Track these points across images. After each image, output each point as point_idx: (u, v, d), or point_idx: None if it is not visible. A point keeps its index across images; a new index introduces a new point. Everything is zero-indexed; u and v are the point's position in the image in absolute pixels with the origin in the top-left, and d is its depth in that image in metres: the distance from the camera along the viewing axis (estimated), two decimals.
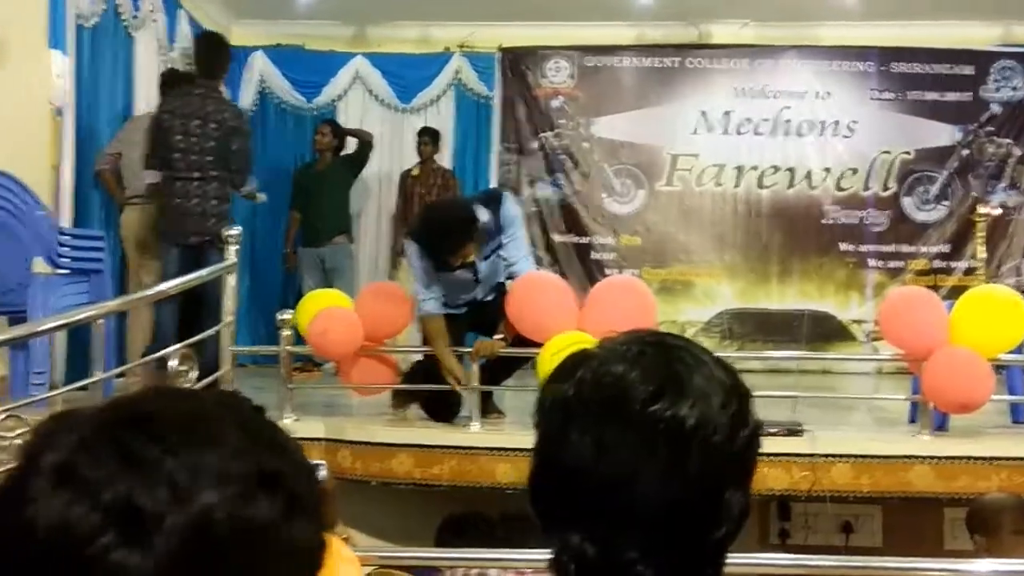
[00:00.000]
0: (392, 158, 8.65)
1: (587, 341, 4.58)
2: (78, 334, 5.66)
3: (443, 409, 5.36)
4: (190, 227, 5.73)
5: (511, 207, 5.25)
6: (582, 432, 1.09)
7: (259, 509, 0.70)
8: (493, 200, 5.24)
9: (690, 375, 1.10)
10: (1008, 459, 4.87)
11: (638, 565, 1.06)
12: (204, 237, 5.68)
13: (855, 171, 8.42)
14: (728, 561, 1.11)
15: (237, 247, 5.01)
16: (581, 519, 1.08)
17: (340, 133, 8.17)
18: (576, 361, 1.15)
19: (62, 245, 5.29)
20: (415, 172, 8.35)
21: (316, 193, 7.92)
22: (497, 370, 5.28)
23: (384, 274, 8.43)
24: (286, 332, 5.29)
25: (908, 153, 8.37)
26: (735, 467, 1.09)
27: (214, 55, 6.00)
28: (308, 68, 8.76)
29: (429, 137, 8.33)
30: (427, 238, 5.03)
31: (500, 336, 5.08)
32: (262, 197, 6.79)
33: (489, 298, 5.27)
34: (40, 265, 5.22)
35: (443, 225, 5.00)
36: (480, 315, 5.28)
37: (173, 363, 4.15)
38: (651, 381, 1.09)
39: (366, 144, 8.05)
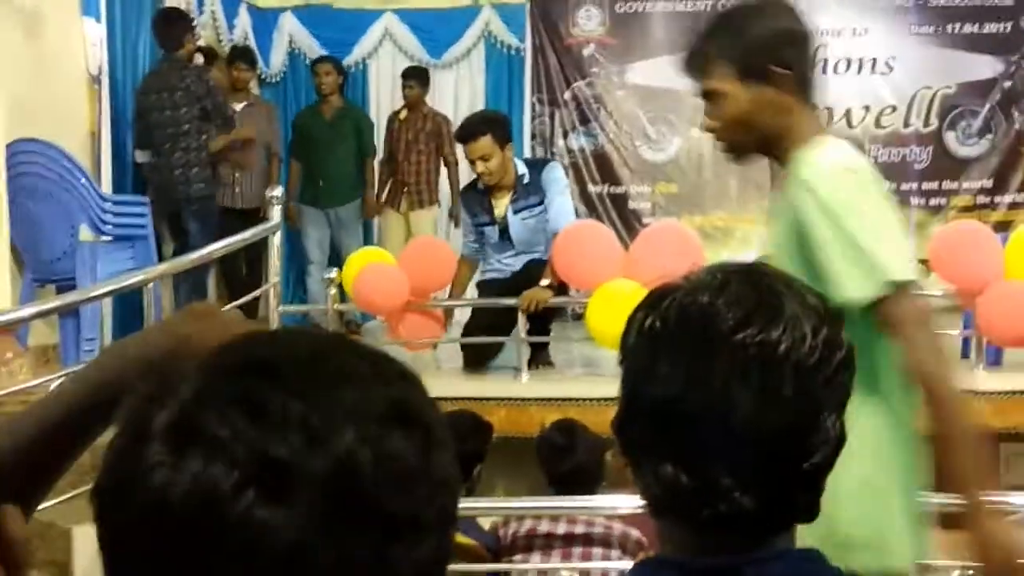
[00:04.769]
0: None
1: (635, 288, 4.53)
2: (124, 300, 5.72)
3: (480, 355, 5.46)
4: (176, 196, 6.13)
5: (557, 172, 5.35)
6: (671, 363, 1.08)
7: (400, 444, 0.64)
8: (541, 163, 5.55)
9: (779, 301, 1.08)
10: None
11: (734, 492, 1.04)
12: (189, 204, 6.11)
13: (895, 108, 8.28)
14: None
15: (280, 207, 5.02)
16: (673, 450, 1.07)
17: (343, 71, 7.72)
18: (661, 293, 1.14)
19: (106, 212, 5.32)
20: (402, 116, 7.65)
21: (323, 145, 7.30)
22: (543, 320, 5.29)
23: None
24: (332, 291, 5.31)
25: (949, 87, 8.21)
26: (830, 391, 1.08)
27: (168, 30, 6.21)
28: (337, 27, 8.69)
29: (414, 80, 7.61)
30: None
31: (547, 283, 5.09)
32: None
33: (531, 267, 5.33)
34: (85, 233, 5.25)
35: (476, 114, 5.54)
36: (523, 287, 5.26)
37: None
38: (739, 308, 1.07)
39: None
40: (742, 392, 1.05)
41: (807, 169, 1.90)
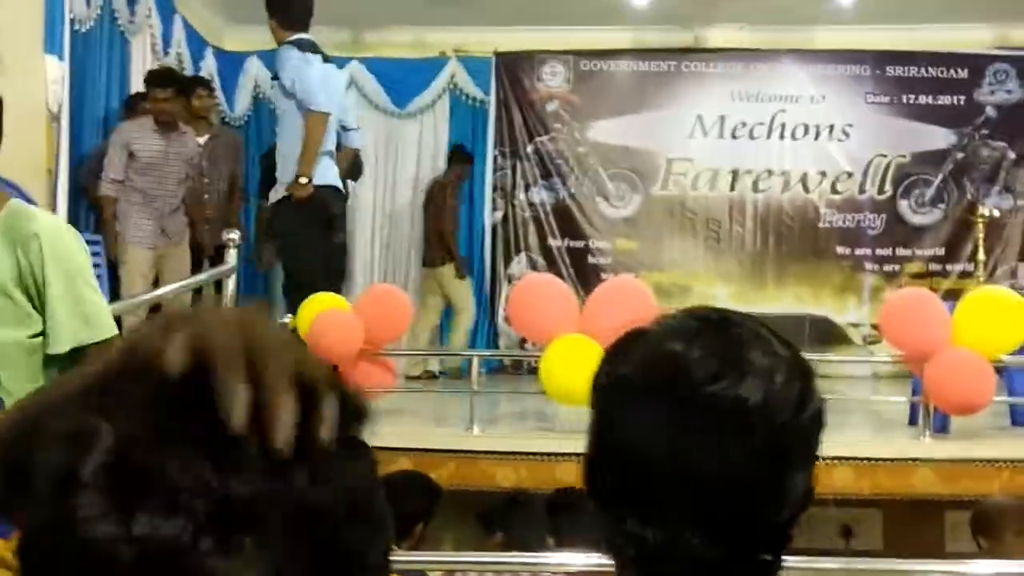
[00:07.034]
0: (388, 163, 8.61)
1: (589, 343, 4.50)
2: None
3: None
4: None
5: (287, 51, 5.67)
6: (641, 413, 1.06)
7: (358, 479, 0.59)
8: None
9: (751, 352, 1.06)
10: (1009, 461, 4.86)
11: (700, 548, 1.03)
12: None
13: (850, 174, 8.43)
14: None
15: (236, 250, 4.98)
16: (640, 503, 1.06)
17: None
18: (632, 339, 1.12)
19: None
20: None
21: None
22: None
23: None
24: None
25: (903, 156, 8.38)
26: (800, 447, 1.06)
27: None
28: None
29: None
30: None
31: (304, 180, 5.38)
32: None
33: None
34: None
35: None
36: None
37: None
38: (711, 360, 1.05)
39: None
40: (710, 447, 1.03)
41: (35, 222, 2.15)
